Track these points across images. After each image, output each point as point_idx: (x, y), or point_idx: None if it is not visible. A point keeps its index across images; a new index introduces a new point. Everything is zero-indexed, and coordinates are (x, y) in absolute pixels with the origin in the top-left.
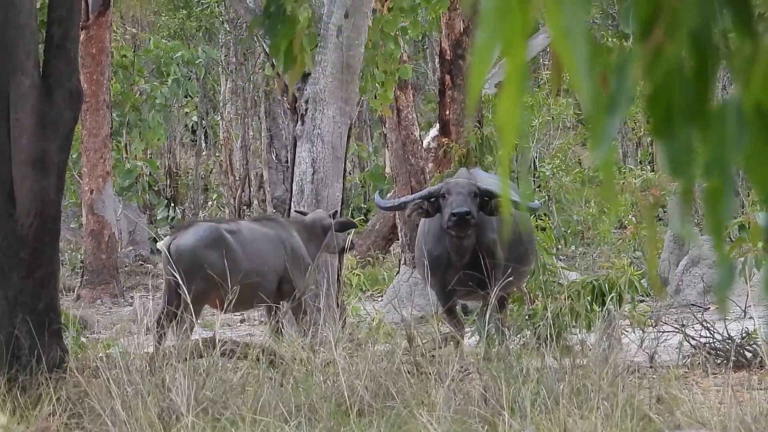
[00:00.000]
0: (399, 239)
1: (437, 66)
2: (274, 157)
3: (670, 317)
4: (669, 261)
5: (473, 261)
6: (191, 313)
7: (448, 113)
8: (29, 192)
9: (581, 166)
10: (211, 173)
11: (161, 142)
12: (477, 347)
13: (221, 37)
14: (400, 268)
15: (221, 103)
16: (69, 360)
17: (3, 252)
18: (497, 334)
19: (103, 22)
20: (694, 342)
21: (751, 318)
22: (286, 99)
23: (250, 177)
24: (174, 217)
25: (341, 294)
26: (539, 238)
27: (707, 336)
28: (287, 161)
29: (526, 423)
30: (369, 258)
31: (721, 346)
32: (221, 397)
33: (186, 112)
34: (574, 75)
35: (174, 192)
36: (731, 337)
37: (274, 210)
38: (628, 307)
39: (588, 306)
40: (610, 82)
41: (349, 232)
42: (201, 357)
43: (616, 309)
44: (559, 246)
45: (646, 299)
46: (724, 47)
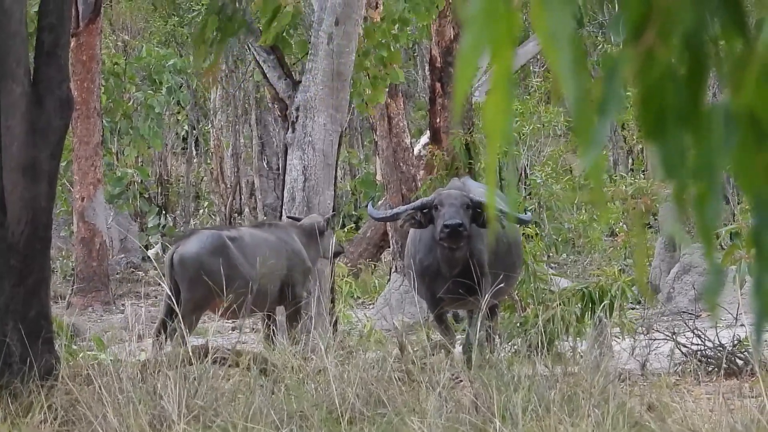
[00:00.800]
0: (390, 247)
1: (427, 74)
2: (265, 165)
3: (661, 325)
4: (660, 268)
5: (463, 270)
6: (191, 321)
7: (438, 121)
8: (20, 199)
9: (572, 173)
10: (202, 181)
11: (157, 150)
12: (465, 355)
13: None
14: (391, 275)
15: (212, 111)
16: (60, 367)
17: None
18: (488, 341)
19: (94, 29)
20: (685, 350)
21: (743, 325)
22: (276, 107)
23: (241, 185)
24: (165, 225)
25: (333, 302)
26: (530, 245)
27: (698, 344)
28: (278, 169)
29: (517, 430)
30: (360, 266)
31: (713, 353)
32: (212, 405)
33: (177, 120)
34: (560, 79)
35: (165, 200)
36: (722, 345)
37: (265, 217)
38: (617, 315)
39: (579, 313)
40: (599, 86)
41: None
42: (192, 364)
43: (607, 317)
44: (550, 253)
45: (637, 307)
46: (715, 51)
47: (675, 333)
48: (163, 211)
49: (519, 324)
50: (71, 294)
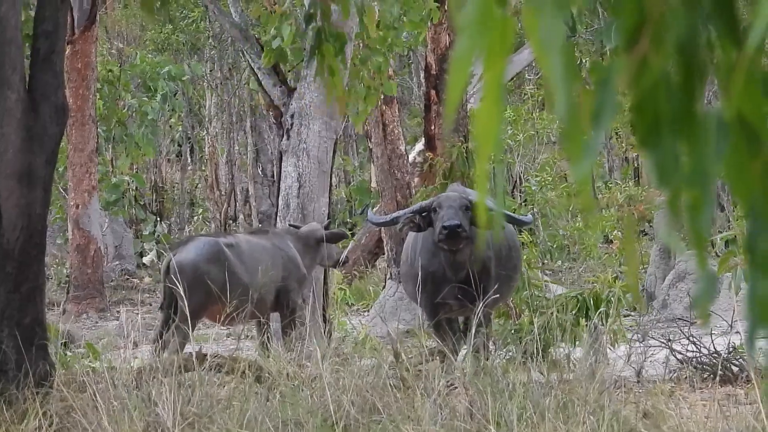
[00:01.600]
0: (385, 254)
1: (423, 81)
2: (259, 172)
3: (656, 332)
4: (655, 276)
5: (467, 276)
6: (188, 327)
7: (433, 128)
8: (15, 206)
9: (567, 180)
10: (197, 188)
11: (149, 157)
12: (463, 362)
13: (206, 52)
14: (386, 282)
15: (207, 118)
16: (55, 374)
17: None
18: (483, 348)
19: (89, 36)
20: (680, 356)
21: (738, 332)
22: (271, 114)
23: (235, 191)
24: (160, 232)
25: (328, 308)
26: (525, 252)
27: (694, 351)
28: (273, 176)
29: None
30: (355, 272)
31: (708, 360)
32: (207, 412)
33: (171, 126)
34: (551, 86)
35: (160, 207)
36: (718, 352)
37: (260, 224)
38: (610, 321)
39: (574, 320)
40: (592, 94)
41: (344, 245)
42: (187, 371)
43: (602, 323)
44: (545, 260)
45: (632, 313)
46: (709, 57)
47: (670, 340)
48: (158, 218)
49: (514, 331)
50: (66, 301)
